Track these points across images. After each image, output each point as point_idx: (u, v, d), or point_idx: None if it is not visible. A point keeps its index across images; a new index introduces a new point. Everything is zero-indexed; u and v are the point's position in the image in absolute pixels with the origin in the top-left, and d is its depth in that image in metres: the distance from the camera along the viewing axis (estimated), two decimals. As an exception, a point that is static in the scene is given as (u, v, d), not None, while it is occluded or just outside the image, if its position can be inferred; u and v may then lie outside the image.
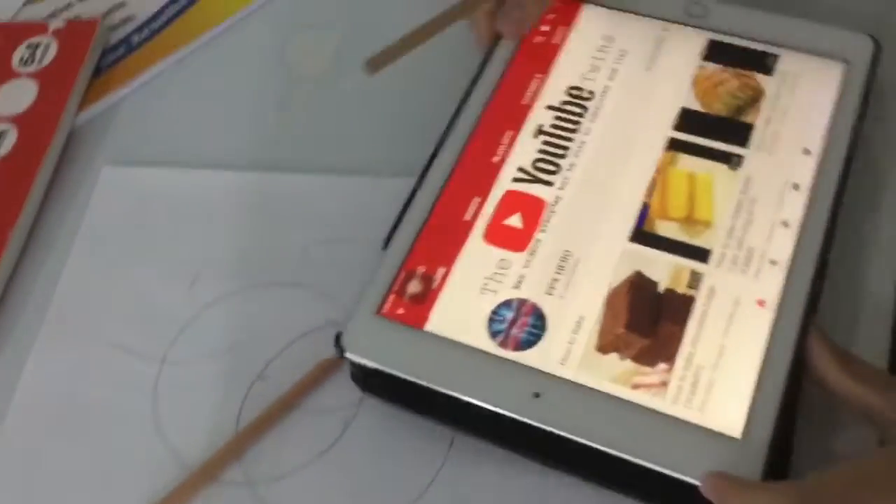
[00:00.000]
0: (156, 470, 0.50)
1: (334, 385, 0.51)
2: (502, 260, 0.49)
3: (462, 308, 0.48)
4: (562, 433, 0.44)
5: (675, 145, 0.53)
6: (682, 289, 0.48)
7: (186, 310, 0.55)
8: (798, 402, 0.45)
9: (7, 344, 0.56)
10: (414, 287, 0.48)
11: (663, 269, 0.48)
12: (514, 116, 0.54)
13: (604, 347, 0.46)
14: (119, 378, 0.53)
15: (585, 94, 0.55)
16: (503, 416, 0.44)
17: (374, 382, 0.48)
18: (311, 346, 0.52)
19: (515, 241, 0.50)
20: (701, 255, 0.49)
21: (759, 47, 0.56)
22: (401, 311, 0.48)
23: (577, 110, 0.55)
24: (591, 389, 0.45)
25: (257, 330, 0.54)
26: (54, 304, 0.57)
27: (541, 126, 0.54)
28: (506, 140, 0.54)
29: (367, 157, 0.60)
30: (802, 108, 0.53)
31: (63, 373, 0.54)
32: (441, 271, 0.49)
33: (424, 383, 0.45)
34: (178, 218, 0.59)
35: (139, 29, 0.70)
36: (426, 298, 0.48)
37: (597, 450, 0.43)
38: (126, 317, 0.56)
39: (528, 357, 0.46)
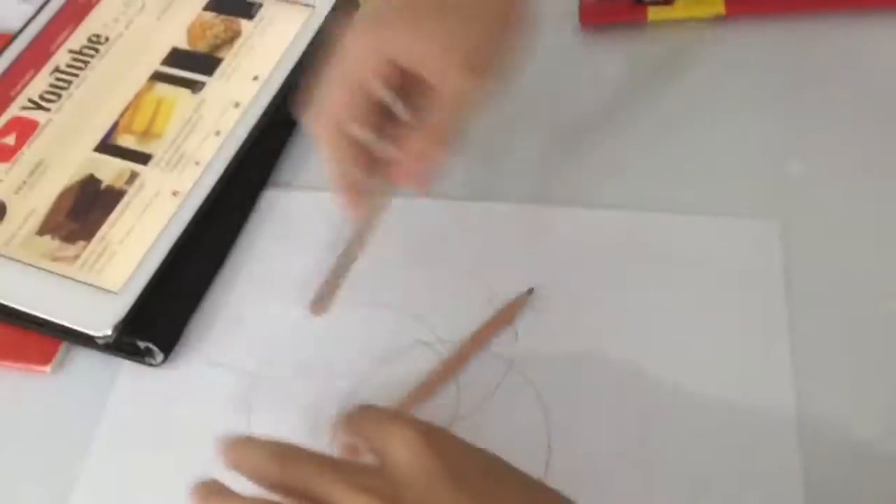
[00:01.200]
0: (252, 489, 0.48)
1: (426, 405, 0.51)
2: (-9, 169, 0.60)
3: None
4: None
5: (157, 76, 0.64)
6: (119, 185, 0.59)
7: (280, 329, 0.55)
8: (188, 269, 0.56)
9: (105, 360, 0.55)
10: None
11: (111, 172, 0.59)
12: (40, 59, 0.65)
13: (42, 231, 0.57)
14: (212, 397, 0.53)
15: (102, 40, 0.66)
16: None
17: None
18: (402, 365, 0.53)
19: (5, 154, 0.61)
20: (144, 159, 0.60)
21: (251, -2, 0.67)
22: None
23: (91, 52, 0.66)
24: (21, 262, 0.56)
25: (347, 349, 0.54)
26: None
27: (58, 65, 0.65)
28: (27, 77, 0.65)
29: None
30: (265, 44, 0.64)
31: (155, 391, 0.53)
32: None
33: None
34: (273, 237, 0.58)
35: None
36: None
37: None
38: (222, 336, 0.55)
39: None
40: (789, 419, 0.48)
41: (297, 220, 0.59)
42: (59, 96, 0.63)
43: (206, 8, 0.67)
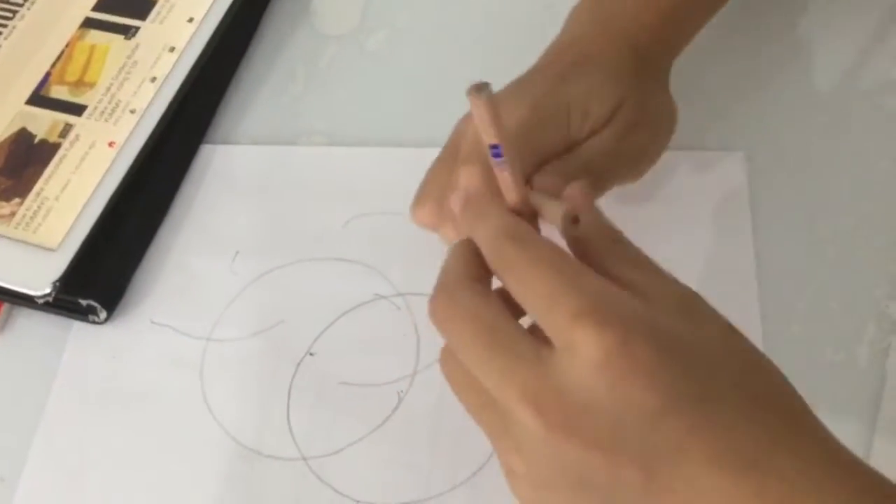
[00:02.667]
0: (207, 448, 0.48)
1: (390, 357, 0.50)
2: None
3: None
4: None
5: (88, 23, 0.61)
6: (53, 138, 0.56)
7: (229, 287, 0.53)
8: (127, 224, 0.54)
9: (47, 323, 0.53)
10: None
11: (44, 124, 0.57)
12: (-35, 9, 0.63)
13: (-23, 190, 0.55)
14: (164, 357, 0.51)
15: (29, -13, 0.63)
16: None
17: None
18: (359, 320, 0.51)
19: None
20: (78, 110, 0.57)
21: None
22: None
23: (19, 0, 0.63)
24: (-45, 223, 0.54)
25: (302, 305, 0.52)
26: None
27: (-15, 16, 0.62)
28: (-46, 29, 0.62)
29: (394, 125, 0.57)
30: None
31: (105, 352, 0.52)
32: None
33: None
34: (214, 193, 0.56)
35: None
36: None
37: None
38: (168, 294, 0.53)
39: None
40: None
41: (237, 174, 0.57)
42: (-13, 48, 0.61)
43: (138, -52, 0.64)
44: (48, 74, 0.59)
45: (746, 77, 0.57)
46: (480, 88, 0.32)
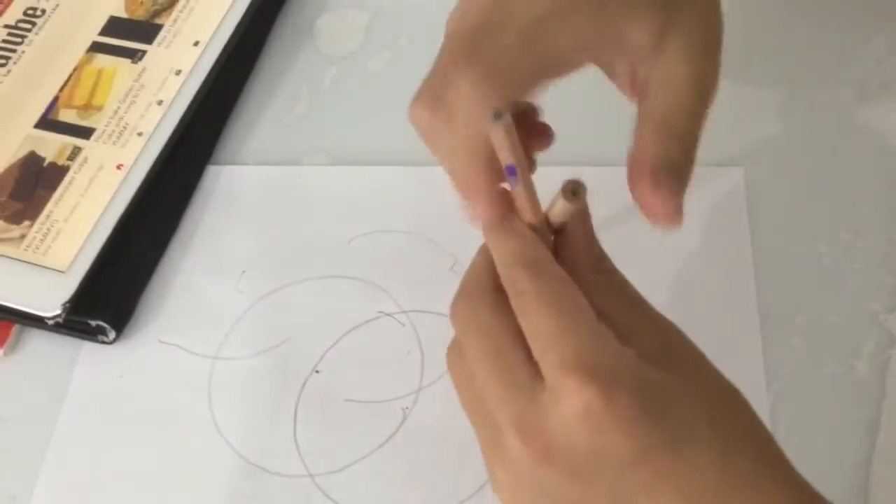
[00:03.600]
0: (215, 466, 0.48)
1: (395, 374, 0.50)
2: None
3: None
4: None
5: (95, 47, 0.62)
6: (62, 161, 0.57)
7: (236, 306, 0.53)
8: (135, 245, 0.55)
9: (57, 343, 0.54)
10: None
11: (53, 148, 0.58)
12: (-26, 36, 0.64)
13: (-15, 212, 0.56)
14: (172, 376, 0.52)
15: (38, 13, 0.64)
16: None
17: None
18: (364, 337, 0.52)
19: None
20: (86, 133, 0.58)
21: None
22: None
23: (27, 26, 0.64)
24: (-34, 246, 0.55)
25: (308, 323, 0.52)
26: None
27: (-6, 42, 0.63)
28: (-37, 55, 0.63)
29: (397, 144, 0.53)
30: (205, 9, 0.63)
31: (114, 371, 0.52)
32: None
33: None
34: (219, 214, 0.57)
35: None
36: None
37: None
38: (176, 313, 0.54)
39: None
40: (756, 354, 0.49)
41: (243, 195, 0.57)
42: (-4, 74, 0.62)
43: (143, -26, 0.65)
44: (56, 98, 0.60)
45: (743, 91, 0.57)
46: (499, 115, 0.32)
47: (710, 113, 0.37)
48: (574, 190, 0.34)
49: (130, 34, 0.62)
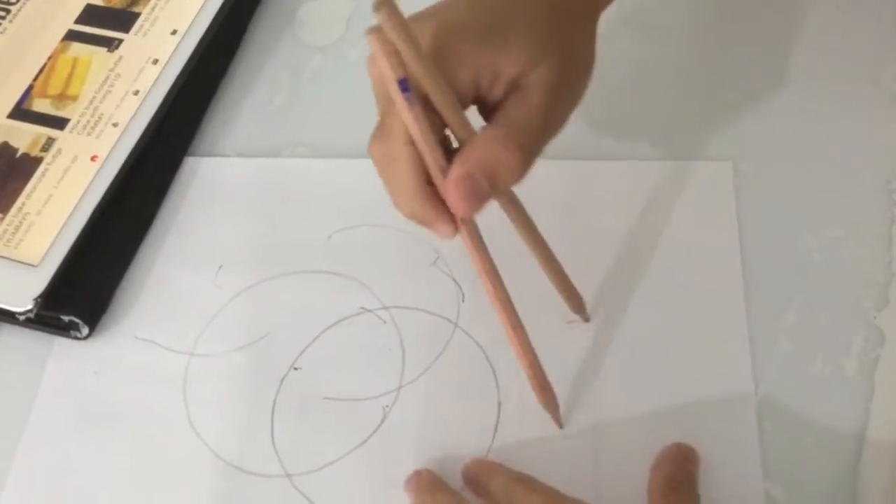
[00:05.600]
0: (190, 465, 0.47)
1: (375, 372, 0.49)
2: None
3: None
4: None
5: (71, 35, 0.61)
6: (35, 152, 0.56)
7: (213, 301, 0.52)
8: (110, 239, 0.53)
9: (29, 339, 0.52)
10: None
11: (26, 138, 0.57)
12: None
13: (-41, 205, 0.54)
14: (146, 373, 0.50)
15: (13, 0, 0.63)
16: None
17: None
18: (344, 333, 0.51)
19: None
20: (60, 123, 0.57)
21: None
22: None
23: (1, 13, 0.62)
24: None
25: (287, 319, 0.51)
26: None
27: (-34, 29, 0.62)
28: (-65, 43, 0.61)
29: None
30: (192, -5, 0.61)
31: (87, 368, 0.51)
32: None
33: None
34: (196, 206, 0.56)
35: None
36: None
37: None
38: (151, 308, 0.53)
39: None
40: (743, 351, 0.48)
41: (221, 187, 0.56)
42: (-31, 62, 0.60)
43: (121, -40, 0.64)
44: (30, 88, 0.59)
45: (733, 87, 0.57)
46: (379, 5, 0.32)
47: (545, 148, 0.40)
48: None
49: (107, 22, 0.61)
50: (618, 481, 0.45)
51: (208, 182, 0.56)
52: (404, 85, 0.35)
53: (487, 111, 0.40)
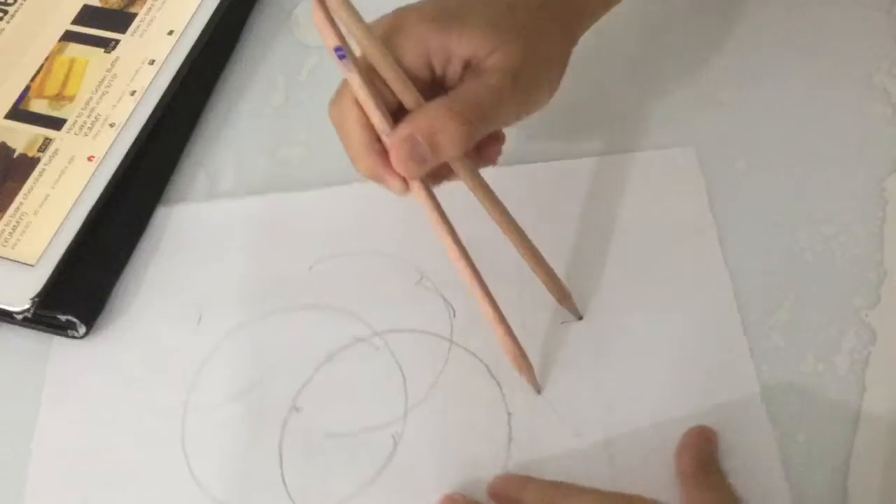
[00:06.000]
0: None
1: (378, 400, 0.48)
2: None
3: None
4: None
5: (68, 36, 0.61)
6: (32, 153, 0.56)
7: (198, 351, 0.51)
8: (107, 238, 0.54)
9: (28, 337, 0.52)
10: None
11: (24, 139, 0.57)
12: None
13: (-46, 205, 0.55)
14: (141, 435, 0.49)
15: (10, 1, 0.63)
16: None
17: None
18: (341, 366, 0.50)
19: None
20: (57, 124, 0.57)
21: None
22: None
23: (-1, 14, 0.63)
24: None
25: (279, 360, 0.50)
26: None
27: (-36, 30, 0.62)
28: (-68, 44, 0.62)
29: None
30: (190, -4, 0.62)
31: (77, 435, 0.49)
32: None
33: None
34: (169, 255, 0.54)
35: None
36: None
37: None
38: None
39: None
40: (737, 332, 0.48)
41: (192, 234, 0.55)
42: (-33, 62, 0.61)
43: (117, -39, 0.64)
44: (28, 88, 0.59)
45: (731, 85, 0.57)
46: None
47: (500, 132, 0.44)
48: None
49: (104, 23, 0.61)
50: (636, 479, 0.45)
51: (179, 231, 0.55)
52: (340, 52, 0.39)
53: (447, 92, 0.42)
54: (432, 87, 0.43)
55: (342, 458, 0.47)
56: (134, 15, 0.61)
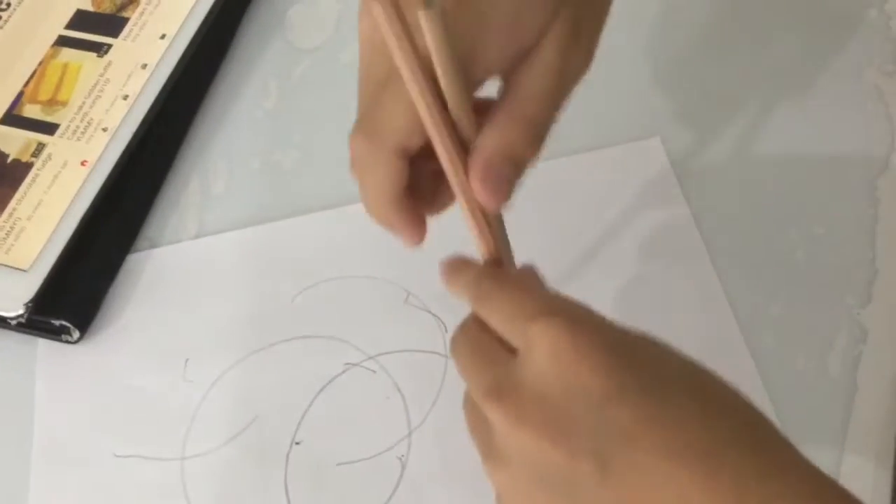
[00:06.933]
0: None
1: (380, 424, 0.48)
2: None
3: None
4: None
5: (61, 41, 0.61)
6: (26, 158, 0.56)
7: (188, 398, 0.49)
8: (100, 243, 0.54)
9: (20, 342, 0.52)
10: None
11: (17, 144, 0.57)
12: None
13: (-53, 211, 0.55)
14: (142, 488, 0.47)
15: (3, 6, 0.63)
16: None
17: None
18: (337, 394, 0.49)
19: None
20: (50, 129, 0.57)
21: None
22: None
23: (-8, 19, 0.63)
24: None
25: (272, 396, 0.49)
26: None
27: (-42, 35, 0.62)
28: (-73, 50, 0.62)
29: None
30: (173, 1, 0.62)
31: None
32: None
33: None
34: (145, 304, 0.53)
35: None
36: None
37: None
38: (125, 422, 0.50)
39: None
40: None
41: (168, 278, 0.54)
42: (-39, 68, 0.61)
43: (110, -34, 0.64)
44: (21, 94, 0.59)
45: (723, 84, 0.57)
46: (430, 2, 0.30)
47: (568, 101, 0.37)
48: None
49: (97, 27, 0.61)
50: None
51: (155, 275, 0.54)
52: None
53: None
54: None
55: (351, 486, 0.46)
56: (126, 19, 0.61)
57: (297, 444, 0.48)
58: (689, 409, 0.31)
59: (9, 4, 0.63)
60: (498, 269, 0.38)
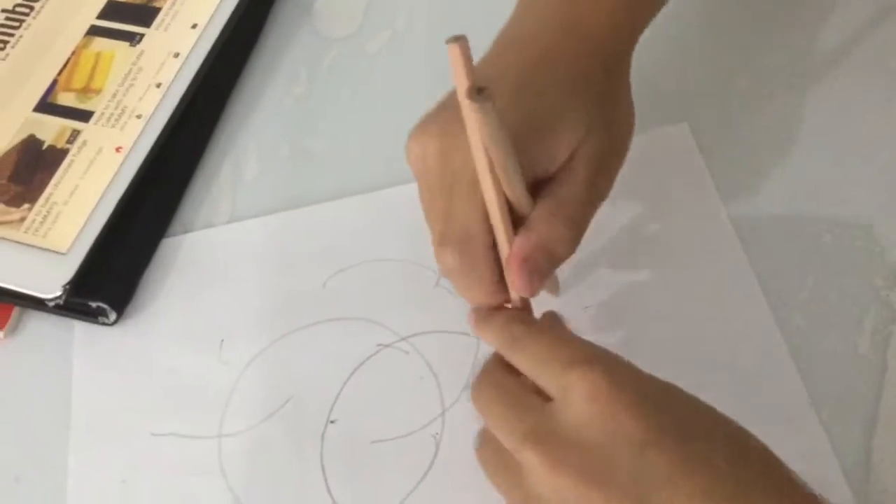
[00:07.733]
0: None
1: (414, 403, 0.48)
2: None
3: None
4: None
5: (94, 31, 0.62)
6: (61, 144, 0.57)
7: (225, 379, 0.50)
8: (136, 227, 0.55)
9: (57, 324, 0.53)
10: None
11: (52, 131, 0.58)
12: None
13: (-16, 196, 0.56)
14: (179, 468, 0.48)
15: (36, -3, 0.64)
16: None
17: None
18: (371, 375, 0.50)
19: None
20: (85, 116, 0.58)
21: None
22: None
23: (24, 10, 0.64)
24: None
25: (307, 377, 0.50)
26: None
27: (-9, 26, 0.63)
28: (-38, 40, 0.63)
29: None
30: (204, -10, 0.63)
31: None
32: None
33: None
34: (180, 287, 0.54)
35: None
36: None
37: None
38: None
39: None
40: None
41: (201, 262, 0.54)
42: (-6, 58, 0.62)
43: (141, -43, 0.65)
44: (55, 82, 0.60)
45: (748, 74, 0.57)
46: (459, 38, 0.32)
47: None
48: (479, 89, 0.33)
49: (128, 17, 0.62)
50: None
51: (189, 259, 0.55)
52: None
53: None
54: None
55: (386, 463, 0.47)
56: (158, 9, 0.62)
57: (332, 422, 0.48)
58: (719, 453, 0.34)
59: (41, -5, 0.64)
60: (527, 315, 0.41)
